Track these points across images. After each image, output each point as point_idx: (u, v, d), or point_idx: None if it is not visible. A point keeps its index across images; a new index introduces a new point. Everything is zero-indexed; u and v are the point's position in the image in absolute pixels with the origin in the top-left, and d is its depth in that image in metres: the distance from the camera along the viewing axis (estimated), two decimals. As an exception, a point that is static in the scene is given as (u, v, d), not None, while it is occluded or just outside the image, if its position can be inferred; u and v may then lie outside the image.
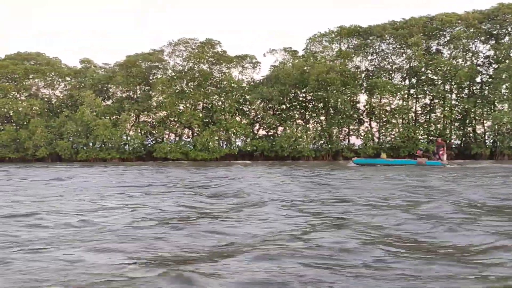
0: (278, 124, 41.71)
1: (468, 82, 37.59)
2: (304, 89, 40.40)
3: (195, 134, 43.77)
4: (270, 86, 40.33)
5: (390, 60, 41.76)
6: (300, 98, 42.01)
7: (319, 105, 40.72)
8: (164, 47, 44.77)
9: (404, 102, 39.47)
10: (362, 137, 39.47)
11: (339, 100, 37.85)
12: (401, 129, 38.64)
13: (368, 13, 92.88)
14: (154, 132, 44.33)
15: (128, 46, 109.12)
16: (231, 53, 44.45)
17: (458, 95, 38.79)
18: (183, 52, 44.24)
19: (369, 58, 42.49)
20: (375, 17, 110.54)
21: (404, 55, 39.90)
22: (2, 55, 55.70)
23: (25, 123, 46.12)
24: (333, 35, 42.00)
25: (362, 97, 41.62)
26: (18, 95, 48.13)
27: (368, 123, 41.58)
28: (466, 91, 38.86)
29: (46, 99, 48.69)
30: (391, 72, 41.18)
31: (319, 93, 38.72)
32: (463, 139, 39.17)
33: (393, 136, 39.00)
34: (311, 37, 42.65)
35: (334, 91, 37.38)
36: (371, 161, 28.69)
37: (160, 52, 46.02)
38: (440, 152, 26.39)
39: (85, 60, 50.48)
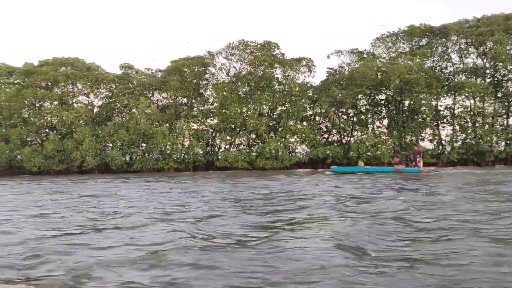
0: (350, 129, 39.50)
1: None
2: (383, 90, 38.21)
3: (258, 141, 41.38)
4: (341, 88, 38.20)
5: (458, 60, 40.14)
6: (375, 101, 39.83)
7: (398, 107, 38.60)
8: (221, 50, 42.38)
9: (485, 104, 37.62)
10: (445, 142, 37.48)
11: (423, 102, 35.80)
12: (481, 133, 36.70)
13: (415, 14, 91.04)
14: (214, 140, 41.71)
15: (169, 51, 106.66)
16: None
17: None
18: (243, 54, 41.91)
19: (432, 59, 40.63)
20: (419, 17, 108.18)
21: (483, 55, 38.11)
22: (34, 61, 53.00)
23: (69, 132, 43.11)
24: (402, 35, 40.11)
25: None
26: (58, 103, 45.03)
27: (440, 126, 39.57)
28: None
29: (89, 107, 45.69)
30: (464, 72, 39.36)
31: (401, 94, 36.59)
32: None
33: (473, 141, 36.99)
34: (378, 37, 40.76)
35: (419, 93, 35.30)
36: (349, 169, 29.41)
37: (210, 56, 43.64)
38: (417, 159, 27.37)
39: (125, 65, 47.70)
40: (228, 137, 40.66)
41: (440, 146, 38.43)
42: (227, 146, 41.89)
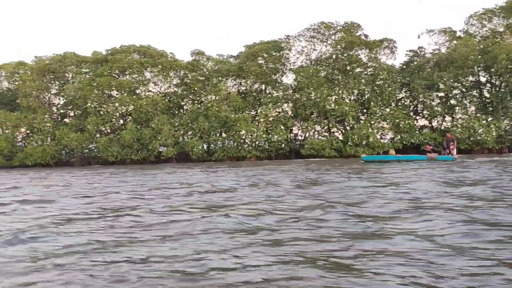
0: (444, 113, 37.16)
1: None
2: (480, 71, 35.72)
3: (340, 127, 39.52)
4: (438, 70, 35.85)
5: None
6: (470, 82, 37.34)
7: (496, 89, 36.03)
8: (301, 33, 40.51)
9: None
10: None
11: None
12: None
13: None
14: (296, 126, 40.03)
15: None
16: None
17: None
18: (324, 37, 39.96)
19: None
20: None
21: None
22: (100, 49, 52.29)
23: (145, 120, 42.11)
24: (499, 11, 37.38)
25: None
26: (129, 91, 43.96)
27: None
28: None
29: (159, 95, 44.54)
30: None
31: (506, 74, 34.03)
32: None
33: None
34: (472, 15, 38.12)
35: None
36: (380, 157, 28.53)
37: (286, 40, 41.83)
38: (451, 147, 26.63)
39: (197, 51, 46.23)
40: (313, 124, 38.82)
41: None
42: (311, 133, 40.11)
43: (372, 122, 37.19)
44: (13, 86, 49.93)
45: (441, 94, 37.96)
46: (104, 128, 44.57)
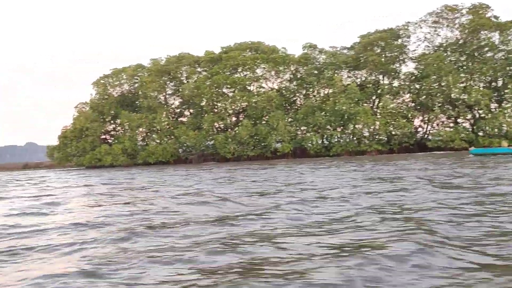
0: None
1: None
2: None
3: (467, 117, 36.69)
4: None
5: None
6: None
7: None
8: (424, 18, 38.24)
9: None
10: None
11: None
12: None
13: None
14: (420, 118, 37.90)
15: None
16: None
17: None
18: (448, 21, 37.31)
19: None
20: None
21: None
22: (215, 48, 53.71)
23: (260, 117, 42.31)
24: None
25: None
26: (240, 88, 44.34)
27: None
28: None
29: (276, 90, 44.47)
30: None
31: None
32: None
33: None
34: None
35: None
36: (492, 150, 26.01)
37: (404, 28, 39.62)
38: None
39: (308, 45, 45.44)
40: (439, 114, 36.49)
41: None
42: (434, 124, 37.75)
43: (508, 111, 34.02)
44: (133, 88, 52.83)
45: None
46: (218, 126, 45.49)
